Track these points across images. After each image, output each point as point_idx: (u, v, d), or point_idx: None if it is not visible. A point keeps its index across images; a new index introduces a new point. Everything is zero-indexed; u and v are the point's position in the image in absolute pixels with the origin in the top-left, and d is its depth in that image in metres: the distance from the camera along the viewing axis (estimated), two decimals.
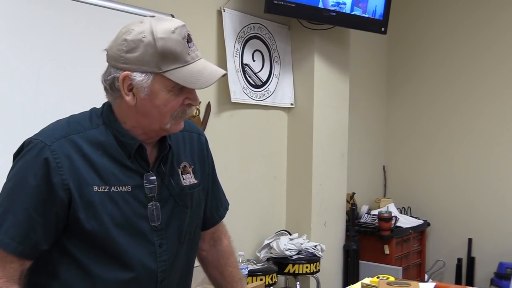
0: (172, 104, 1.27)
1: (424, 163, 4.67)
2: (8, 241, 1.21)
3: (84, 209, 1.24)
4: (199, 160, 1.47)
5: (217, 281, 1.60)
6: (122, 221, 1.27)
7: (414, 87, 4.73)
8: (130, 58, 1.24)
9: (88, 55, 2.46)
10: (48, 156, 1.22)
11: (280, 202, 3.76)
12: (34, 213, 1.22)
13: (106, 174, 1.27)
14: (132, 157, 1.30)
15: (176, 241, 1.37)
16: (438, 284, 2.06)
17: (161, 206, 1.33)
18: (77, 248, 1.26)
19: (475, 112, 4.42)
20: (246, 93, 3.38)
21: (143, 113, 1.28)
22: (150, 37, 1.22)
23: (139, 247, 1.30)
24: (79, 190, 1.24)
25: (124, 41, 1.24)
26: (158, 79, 1.24)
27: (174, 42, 1.23)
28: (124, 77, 1.24)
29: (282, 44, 3.66)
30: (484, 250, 4.33)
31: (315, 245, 3.51)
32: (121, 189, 1.28)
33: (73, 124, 1.30)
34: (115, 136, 1.30)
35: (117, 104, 1.31)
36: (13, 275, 1.23)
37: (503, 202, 4.29)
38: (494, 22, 4.33)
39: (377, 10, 3.71)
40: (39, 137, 1.27)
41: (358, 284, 2.00)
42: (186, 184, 1.40)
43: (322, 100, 3.72)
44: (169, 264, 1.35)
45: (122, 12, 2.57)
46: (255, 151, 3.54)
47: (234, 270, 1.60)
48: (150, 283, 1.32)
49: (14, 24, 2.24)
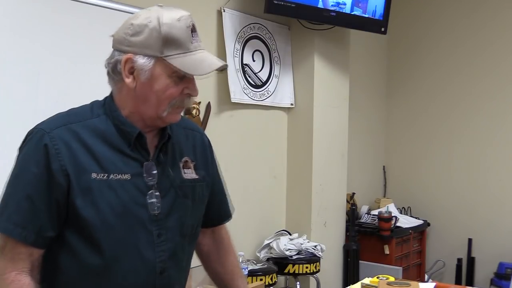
0: (171, 91, 1.28)
1: (424, 163, 4.67)
2: (11, 227, 1.22)
3: (81, 196, 1.24)
4: (201, 158, 1.48)
5: (219, 275, 1.60)
6: (121, 209, 1.27)
7: (414, 87, 4.73)
8: (135, 41, 1.27)
9: (88, 55, 2.47)
10: (47, 142, 1.24)
11: (280, 202, 3.76)
12: (36, 199, 1.23)
13: (105, 162, 1.27)
14: (132, 145, 1.31)
15: (177, 233, 1.36)
16: (438, 284, 2.05)
17: (162, 196, 1.33)
18: (74, 238, 1.27)
19: (475, 112, 4.42)
20: (246, 93, 3.38)
21: (141, 98, 1.29)
22: (156, 22, 1.25)
23: (137, 236, 1.29)
24: (77, 177, 1.24)
25: (131, 25, 1.28)
26: (160, 63, 1.26)
27: (179, 30, 1.26)
28: (127, 59, 1.27)
29: (282, 44, 3.66)
30: (484, 250, 4.33)
31: (315, 245, 3.51)
32: (120, 177, 1.28)
33: (73, 114, 1.33)
34: (115, 125, 1.31)
35: (117, 89, 1.33)
36: (24, 266, 1.23)
37: (503, 202, 4.29)
38: (493, 22, 4.33)
39: (377, 10, 3.71)
40: (39, 126, 1.30)
41: (358, 284, 2.00)
42: (187, 178, 1.40)
43: (322, 100, 3.72)
44: (168, 255, 1.34)
45: (122, 12, 2.57)
46: (255, 151, 3.54)
47: (234, 261, 1.62)
48: (149, 274, 1.31)
49: (14, 24, 2.25)
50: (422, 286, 1.90)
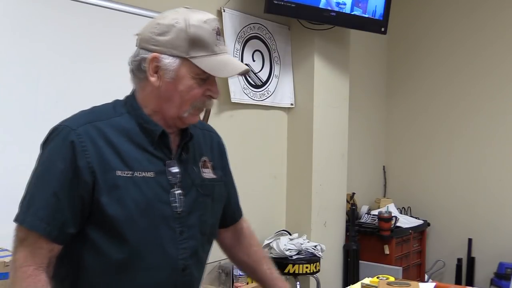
0: (194, 92, 1.30)
1: (424, 163, 4.67)
2: (37, 222, 1.23)
3: (107, 193, 1.26)
4: (218, 159, 1.52)
5: (244, 264, 1.65)
6: (145, 206, 1.29)
7: (414, 87, 4.73)
8: (161, 41, 1.28)
9: (88, 55, 2.47)
10: (74, 139, 1.25)
11: (280, 202, 3.76)
12: (61, 195, 1.24)
13: (129, 160, 1.29)
14: (155, 143, 1.33)
15: (197, 231, 1.38)
16: (438, 284, 2.05)
17: (184, 194, 1.35)
18: (97, 234, 1.28)
19: (475, 112, 4.42)
20: (246, 93, 3.38)
21: (165, 97, 1.31)
22: (183, 24, 1.28)
23: (160, 232, 1.31)
24: (103, 174, 1.26)
25: (157, 24, 1.30)
26: (185, 64, 1.29)
27: (205, 32, 1.28)
28: (153, 57, 1.28)
29: (282, 44, 3.66)
30: (484, 250, 4.33)
31: (315, 245, 3.51)
32: (144, 175, 1.30)
33: (97, 112, 1.34)
34: (138, 123, 1.33)
35: (140, 88, 1.35)
36: (42, 262, 1.24)
37: (503, 202, 4.29)
38: (493, 22, 4.33)
39: (377, 10, 3.71)
40: (64, 123, 1.30)
41: (358, 284, 2.00)
42: (206, 177, 1.43)
43: (322, 100, 3.72)
44: (190, 252, 1.36)
45: (122, 12, 2.57)
46: (255, 151, 3.54)
47: (258, 249, 1.67)
48: (171, 270, 1.33)
49: (15, 24, 2.25)
50: (422, 286, 1.90)
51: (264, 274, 1.62)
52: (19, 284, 1.21)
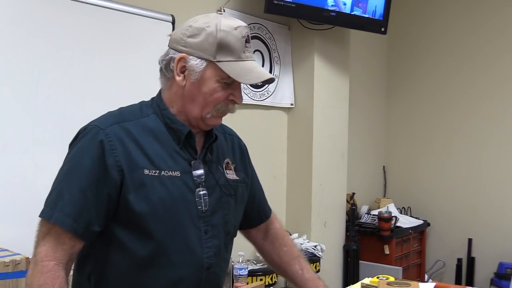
0: (218, 95, 1.34)
1: (424, 163, 4.67)
2: (64, 217, 1.24)
3: (134, 191, 1.28)
4: (240, 161, 1.56)
5: (276, 265, 1.66)
6: (171, 204, 1.31)
7: (414, 87, 4.73)
8: (190, 43, 1.33)
9: (88, 55, 2.47)
10: (103, 138, 1.28)
11: (280, 202, 3.75)
12: (88, 193, 1.25)
13: (156, 159, 1.31)
14: (181, 143, 1.36)
15: (221, 230, 1.40)
16: (438, 284, 2.05)
17: (208, 194, 1.37)
18: (123, 232, 1.29)
19: (475, 112, 4.42)
20: (246, 93, 3.38)
21: (189, 97, 1.35)
22: (214, 28, 1.32)
23: (185, 230, 1.33)
24: (131, 172, 1.28)
25: (189, 27, 1.35)
26: (211, 67, 1.32)
27: (234, 38, 1.32)
28: (181, 57, 1.33)
29: (282, 44, 3.66)
30: (484, 250, 4.33)
31: (315, 245, 3.51)
32: (171, 174, 1.32)
33: (124, 113, 1.37)
34: (165, 123, 1.36)
35: (167, 87, 1.38)
36: (63, 258, 1.25)
37: (503, 202, 4.29)
38: (492, 22, 4.33)
39: (377, 10, 3.71)
40: (93, 123, 1.33)
41: (358, 284, 2.00)
42: (229, 178, 1.46)
43: (322, 100, 3.72)
44: (214, 252, 1.38)
45: (122, 12, 2.57)
46: (255, 151, 3.50)
47: (290, 249, 1.66)
48: (196, 268, 1.35)
49: (15, 24, 2.25)
50: (422, 286, 1.90)
51: (295, 275, 1.62)
52: (37, 279, 1.21)
